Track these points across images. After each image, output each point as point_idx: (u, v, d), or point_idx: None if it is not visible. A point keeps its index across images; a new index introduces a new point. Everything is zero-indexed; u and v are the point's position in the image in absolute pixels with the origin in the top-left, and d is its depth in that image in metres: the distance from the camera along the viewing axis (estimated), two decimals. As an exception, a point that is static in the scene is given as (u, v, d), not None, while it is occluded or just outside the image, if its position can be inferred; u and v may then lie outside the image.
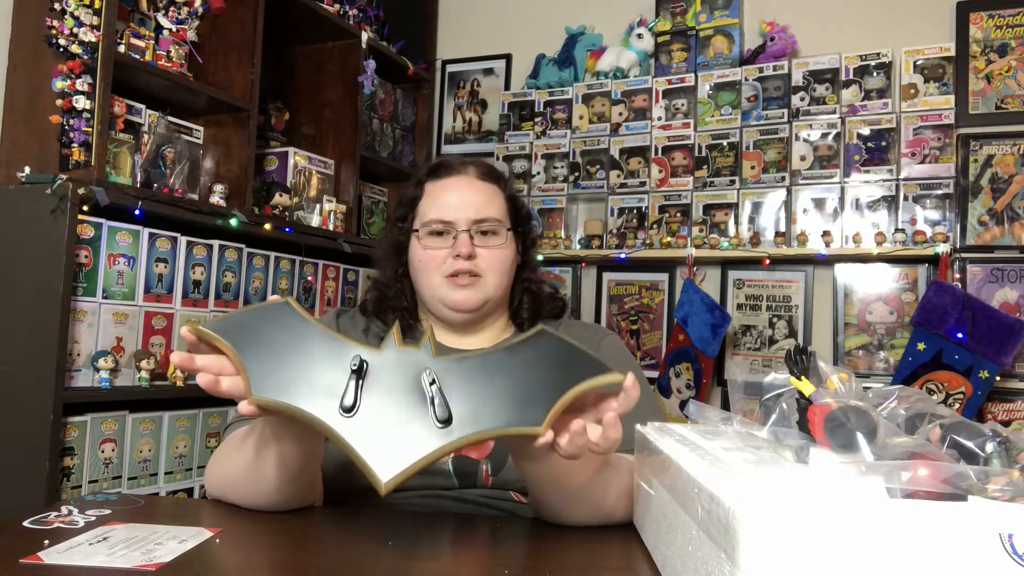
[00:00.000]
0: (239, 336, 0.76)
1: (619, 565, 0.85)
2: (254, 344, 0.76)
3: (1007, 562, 0.50)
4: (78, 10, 1.83)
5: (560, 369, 0.76)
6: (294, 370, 0.75)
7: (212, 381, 0.75)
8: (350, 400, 0.74)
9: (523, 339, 0.77)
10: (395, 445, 0.74)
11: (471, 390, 0.75)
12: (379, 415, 0.74)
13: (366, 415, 0.74)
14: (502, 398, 0.75)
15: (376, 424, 0.74)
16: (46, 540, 0.79)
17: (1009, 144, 2.44)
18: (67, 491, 1.77)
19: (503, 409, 0.75)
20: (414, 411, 0.75)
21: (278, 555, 0.85)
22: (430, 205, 1.22)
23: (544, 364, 0.76)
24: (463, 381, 0.75)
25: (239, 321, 0.77)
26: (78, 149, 1.83)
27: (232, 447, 0.99)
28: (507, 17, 3.21)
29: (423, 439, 0.74)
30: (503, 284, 1.22)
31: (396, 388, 0.75)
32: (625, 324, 2.86)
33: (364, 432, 0.74)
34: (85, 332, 1.80)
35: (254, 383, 0.75)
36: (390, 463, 0.73)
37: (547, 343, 0.77)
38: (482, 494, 1.10)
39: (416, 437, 0.74)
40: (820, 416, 0.66)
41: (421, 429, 0.74)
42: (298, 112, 2.78)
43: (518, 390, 0.75)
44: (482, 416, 0.75)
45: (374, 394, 0.75)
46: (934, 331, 2.30)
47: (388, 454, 0.73)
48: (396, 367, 0.76)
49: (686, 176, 2.79)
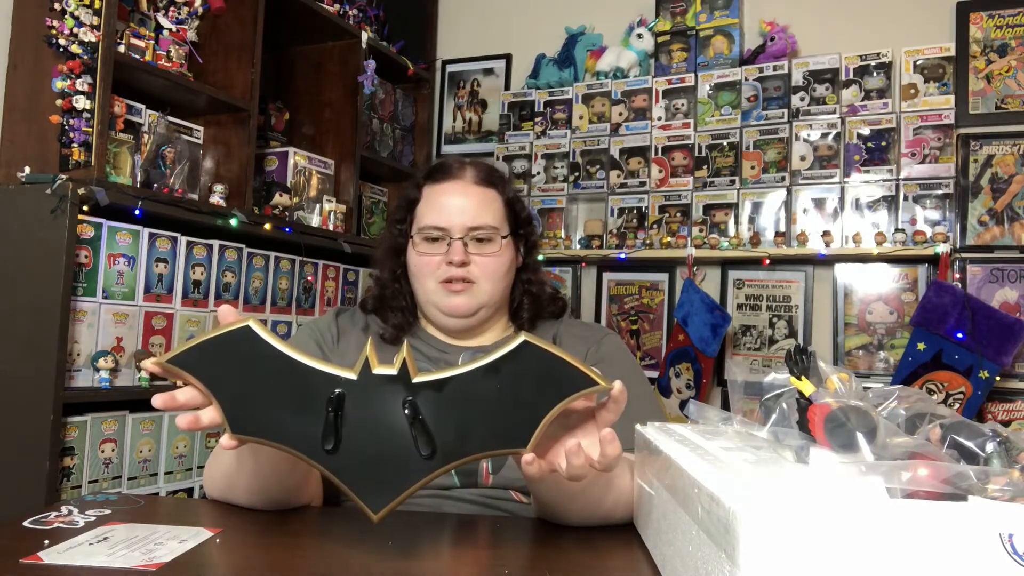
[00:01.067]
0: (207, 369, 0.72)
1: (619, 565, 0.85)
2: (223, 377, 0.72)
3: (1007, 562, 0.50)
4: (78, 10, 1.83)
5: (544, 384, 0.72)
6: (267, 402, 0.72)
7: (192, 420, 0.73)
8: (331, 441, 0.71)
9: (505, 353, 0.72)
10: (382, 476, 0.72)
11: (453, 416, 0.72)
12: (362, 448, 0.72)
13: (349, 449, 0.72)
14: (486, 422, 0.72)
15: (360, 458, 0.72)
16: (46, 540, 0.79)
17: (1009, 144, 2.44)
18: (67, 491, 1.77)
19: (488, 433, 0.72)
20: (397, 442, 0.72)
21: (278, 555, 0.85)
22: (427, 210, 1.22)
23: (527, 380, 0.71)
24: (444, 408, 0.72)
25: (204, 351, 0.72)
26: (78, 149, 1.83)
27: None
28: (507, 17, 3.21)
29: (409, 468, 0.72)
30: (498, 290, 1.21)
31: (376, 419, 0.72)
32: (625, 324, 2.86)
33: (349, 466, 0.72)
34: (85, 332, 1.80)
35: (230, 419, 0.72)
36: (378, 495, 0.72)
37: (529, 356, 0.71)
38: (482, 494, 1.10)
39: (401, 467, 0.72)
40: (820, 416, 0.66)
41: (406, 459, 0.72)
42: (298, 112, 2.78)
43: (501, 412, 0.72)
44: (467, 443, 0.72)
45: (354, 426, 0.72)
46: (934, 331, 2.30)
47: (375, 486, 0.72)
48: (374, 396, 0.72)
49: (686, 176, 2.79)
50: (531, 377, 0.71)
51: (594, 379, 0.72)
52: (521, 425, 0.72)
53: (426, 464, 0.72)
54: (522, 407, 0.72)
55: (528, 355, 0.71)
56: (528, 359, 0.71)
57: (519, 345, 0.71)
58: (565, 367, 0.71)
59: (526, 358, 0.71)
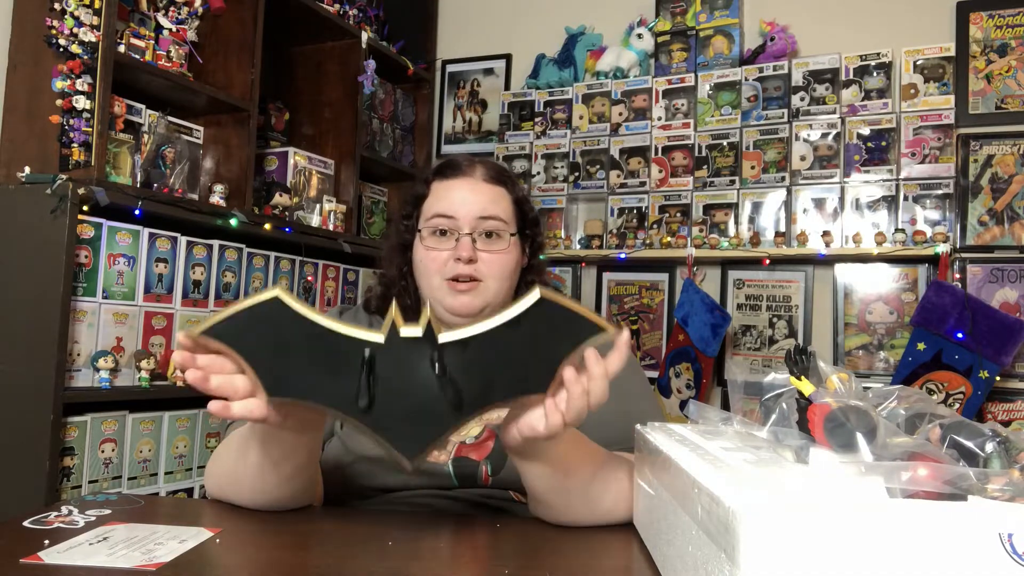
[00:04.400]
0: (240, 339, 0.75)
1: (619, 565, 0.85)
2: (257, 345, 0.76)
3: (1007, 562, 0.50)
4: (78, 10, 1.83)
5: (559, 333, 0.77)
6: (301, 367, 0.76)
7: (201, 378, 0.75)
8: (365, 399, 0.76)
9: (524, 310, 0.76)
10: (414, 427, 0.77)
11: (477, 368, 0.77)
12: (394, 403, 0.77)
13: (382, 405, 0.77)
14: (507, 372, 0.77)
15: (392, 413, 0.77)
16: (46, 540, 0.79)
17: (1009, 144, 2.44)
18: (67, 491, 1.77)
19: (509, 382, 0.77)
20: (426, 395, 0.76)
21: (278, 555, 0.85)
22: (435, 202, 1.21)
23: (543, 331, 0.77)
24: (469, 362, 0.76)
25: (236, 322, 0.75)
26: (78, 149, 1.83)
27: (231, 446, 0.99)
28: (507, 17, 3.21)
29: (439, 418, 0.77)
30: (504, 289, 1.21)
31: (406, 377, 0.76)
32: (625, 324, 2.86)
33: (382, 420, 0.77)
34: (85, 332, 1.80)
35: (266, 384, 0.76)
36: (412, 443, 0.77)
37: (546, 311, 0.76)
38: (482, 494, 1.10)
39: (432, 417, 0.77)
40: (820, 416, 0.66)
41: (436, 410, 0.77)
42: (298, 112, 2.78)
43: (521, 362, 0.77)
44: (491, 392, 0.78)
45: (386, 384, 0.76)
46: (934, 331, 2.30)
47: (409, 436, 0.77)
48: (403, 356, 0.76)
49: (686, 176, 2.79)
50: (547, 328, 0.77)
51: (603, 326, 0.77)
52: (539, 372, 0.78)
53: (455, 414, 0.77)
54: (540, 356, 0.77)
55: (544, 310, 0.76)
56: (545, 314, 0.76)
57: (536, 301, 0.76)
58: (579, 318, 0.77)
59: (542, 311, 0.76)
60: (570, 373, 0.78)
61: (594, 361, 0.79)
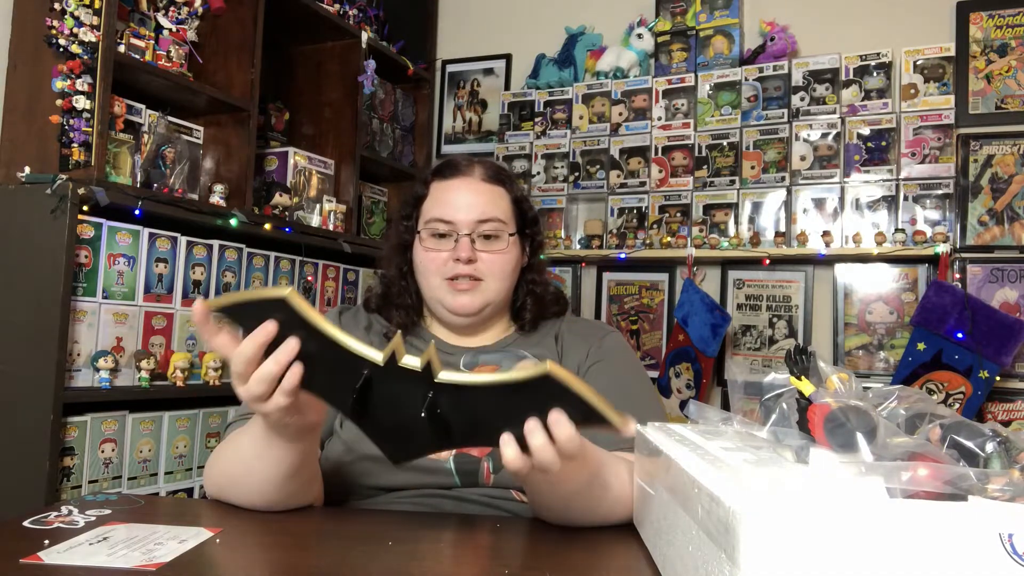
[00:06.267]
0: (248, 324, 0.79)
1: (619, 565, 0.85)
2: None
3: (1007, 562, 0.50)
4: (78, 10, 1.83)
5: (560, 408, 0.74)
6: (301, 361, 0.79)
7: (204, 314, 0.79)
8: (357, 410, 0.79)
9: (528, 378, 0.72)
10: (401, 442, 0.81)
11: (468, 414, 0.77)
12: (384, 418, 0.80)
13: (373, 417, 0.80)
14: (499, 426, 0.76)
15: (382, 426, 0.81)
16: (46, 540, 0.79)
17: (1009, 144, 2.44)
18: (67, 491, 1.77)
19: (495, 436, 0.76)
20: (413, 424, 0.77)
21: (278, 555, 0.85)
22: (433, 204, 1.21)
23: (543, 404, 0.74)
24: (461, 405, 0.76)
25: (246, 308, 0.79)
26: (78, 149, 1.83)
27: (231, 446, 0.99)
28: (507, 17, 3.21)
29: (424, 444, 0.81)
30: (504, 288, 1.21)
31: (398, 400, 0.78)
32: (625, 324, 2.86)
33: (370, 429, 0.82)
34: (85, 332, 1.80)
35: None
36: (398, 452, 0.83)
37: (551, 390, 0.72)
38: (483, 493, 1.10)
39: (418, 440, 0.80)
40: (820, 416, 0.66)
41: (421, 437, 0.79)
42: (298, 112, 2.78)
43: (515, 422, 0.75)
44: (476, 438, 0.80)
45: (378, 401, 0.78)
46: (934, 331, 2.30)
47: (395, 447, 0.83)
48: (397, 382, 0.76)
49: (686, 176, 2.79)
50: (546, 400, 0.74)
51: (608, 417, 0.72)
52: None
53: (438, 444, 0.81)
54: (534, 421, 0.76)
55: (550, 389, 0.72)
56: (547, 388, 0.72)
57: (542, 376, 0.72)
58: (581, 401, 0.72)
59: (546, 387, 0.72)
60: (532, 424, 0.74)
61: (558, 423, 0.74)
